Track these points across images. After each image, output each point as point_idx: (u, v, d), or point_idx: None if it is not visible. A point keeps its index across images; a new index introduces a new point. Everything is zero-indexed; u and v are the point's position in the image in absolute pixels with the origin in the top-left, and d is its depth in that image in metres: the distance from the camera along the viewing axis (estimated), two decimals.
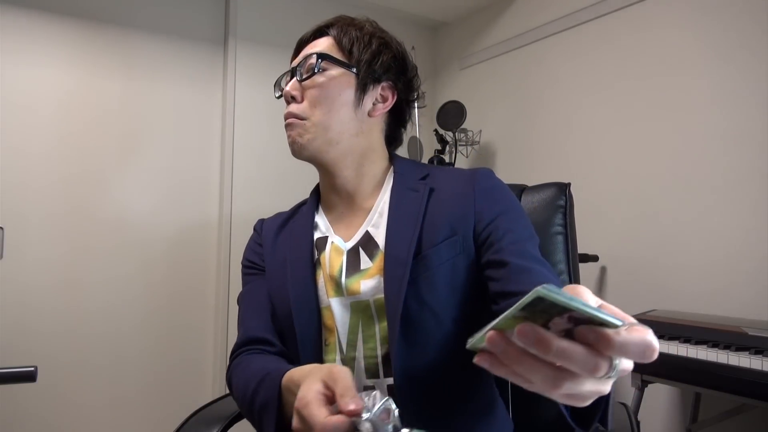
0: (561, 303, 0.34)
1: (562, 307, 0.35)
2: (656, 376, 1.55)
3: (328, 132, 0.87)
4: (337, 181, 0.92)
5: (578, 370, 0.36)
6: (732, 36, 1.83)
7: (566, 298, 0.34)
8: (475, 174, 0.88)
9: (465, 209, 0.84)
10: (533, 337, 0.36)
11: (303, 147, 0.88)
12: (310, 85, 0.88)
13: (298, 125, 0.88)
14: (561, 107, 2.43)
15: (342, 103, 0.88)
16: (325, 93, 0.87)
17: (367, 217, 0.90)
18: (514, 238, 0.80)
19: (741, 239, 1.77)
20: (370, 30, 0.92)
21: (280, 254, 0.93)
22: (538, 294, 0.34)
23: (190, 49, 2.54)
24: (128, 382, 2.32)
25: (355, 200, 0.92)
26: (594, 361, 0.36)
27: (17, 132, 2.17)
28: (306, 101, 0.88)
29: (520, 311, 0.36)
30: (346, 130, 0.89)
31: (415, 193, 0.88)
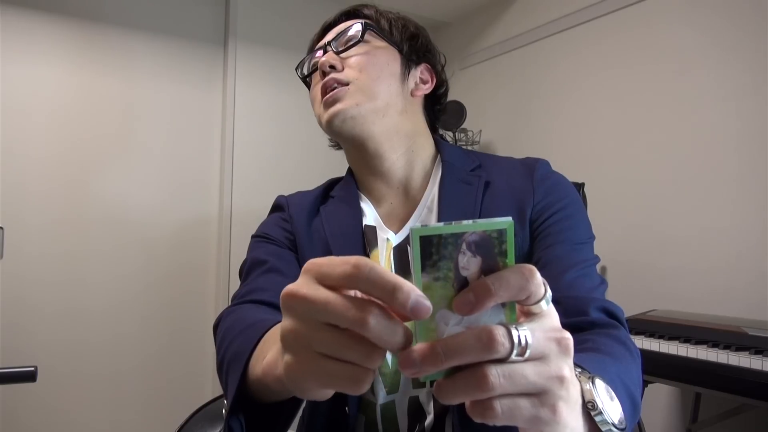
0: (440, 231, 0.33)
1: (448, 235, 0.34)
2: (656, 376, 1.54)
3: (376, 100, 0.78)
4: (386, 165, 0.82)
5: (472, 355, 0.33)
6: (732, 34, 1.83)
7: (444, 225, 0.33)
8: (533, 166, 0.81)
9: (523, 204, 0.76)
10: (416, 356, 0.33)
11: (350, 117, 0.76)
12: (352, 54, 0.79)
13: (344, 97, 0.77)
14: (561, 107, 2.43)
15: (390, 73, 0.80)
16: (373, 60, 0.79)
17: (415, 211, 0.81)
18: (569, 237, 0.74)
19: (741, 239, 1.77)
20: (402, 15, 0.87)
21: (319, 241, 0.81)
22: (418, 233, 0.33)
23: (190, 49, 2.54)
24: (128, 381, 2.32)
25: (409, 191, 0.84)
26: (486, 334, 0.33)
27: (17, 132, 2.17)
28: (349, 69, 0.78)
29: (424, 272, 0.34)
30: (393, 104, 0.80)
31: (469, 187, 0.79)
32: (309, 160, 2.61)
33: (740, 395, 1.32)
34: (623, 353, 0.60)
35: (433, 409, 0.73)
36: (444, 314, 0.35)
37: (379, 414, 0.74)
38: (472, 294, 0.34)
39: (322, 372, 0.35)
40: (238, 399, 0.50)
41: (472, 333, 0.33)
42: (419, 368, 0.33)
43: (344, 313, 0.33)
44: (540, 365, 0.35)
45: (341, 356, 0.34)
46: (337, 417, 0.76)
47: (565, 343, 0.36)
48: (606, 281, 0.75)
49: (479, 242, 0.34)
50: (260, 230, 0.88)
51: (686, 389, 1.84)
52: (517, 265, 0.35)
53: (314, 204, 0.87)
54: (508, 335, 0.33)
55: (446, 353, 0.33)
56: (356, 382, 0.34)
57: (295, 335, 0.36)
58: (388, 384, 0.74)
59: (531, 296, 0.35)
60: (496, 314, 0.35)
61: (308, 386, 0.37)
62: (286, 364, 0.37)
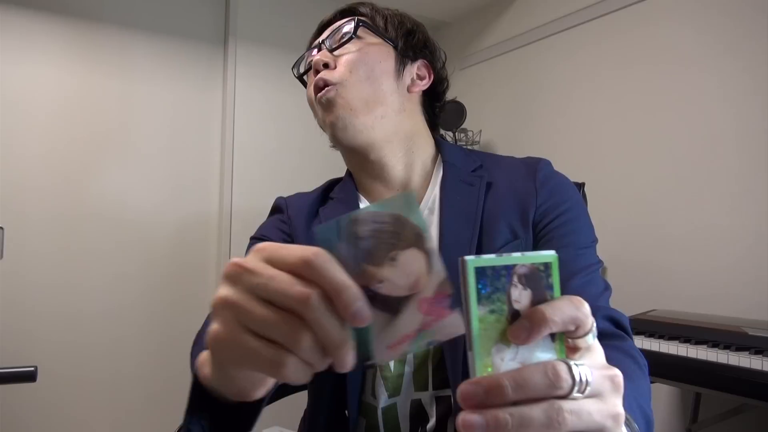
0: (492, 263, 0.33)
1: (500, 267, 0.34)
2: (656, 376, 1.54)
3: (370, 103, 0.76)
4: (386, 167, 0.81)
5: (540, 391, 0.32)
6: (732, 33, 1.83)
7: (495, 257, 0.33)
8: (535, 166, 0.80)
9: (526, 207, 0.75)
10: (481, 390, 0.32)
11: (350, 125, 0.75)
12: (345, 51, 0.78)
13: (336, 101, 0.76)
14: (561, 107, 2.43)
15: (382, 70, 0.78)
16: (364, 57, 0.77)
17: None
18: (572, 241, 0.73)
19: (741, 239, 1.77)
20: (399, 12, 0.87)
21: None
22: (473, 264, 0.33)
23: (190, 49, 2.54)
24: (128, 381, 2.32)
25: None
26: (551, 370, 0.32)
27: (17, 132, 2.17)
28: (341, 67, 0.77)
29: (480, 305, 0.34)
30: (390, 104, 0.78)
31: (470, 188, 0.78)
32: (309, 159, 2.61)
33: (740, 395, 1.32)
34: (633, 369, 0.60)
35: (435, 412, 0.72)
36: (499, 349, 0.34)
37: (380, 417, 0.74)
38: (527, 321, 0.34)
39: (245, 346, 0.34)
40: (196, 401, 0.48)
41: (538, 368, 0.33)
42: (483, 399, 0.32)
43: (288, 288, 0.33)
44: (599, 403, 0.34)
45: (269, 334, 0.33)
46: (337, 420, 0.76)
47: (618, 380, 0.36)
48: (610, 286, 0.74)
49: (529, 275, 0.35)
50: (258, 232, 0.88)
51: (686, 389, 1.84)
52: (567, 296, 0.35)
53: (313, 205, 0.87)
54: (570, 371, 0.33)
55: (513, 387, 0.32)
56: (276, 365, 0.33)
57: (227, 304, 0.35)
58: (390, 387, 0.74)
59: (581, 327, 0.35)
60: (547, 349, 0.35)
61: (228, 360, 0.36)
62: (212, 333, 0.36)
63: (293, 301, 0.32)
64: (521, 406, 0.32)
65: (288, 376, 0.33)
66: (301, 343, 0.33)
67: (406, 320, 0.36)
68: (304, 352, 0.33)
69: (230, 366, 0.37)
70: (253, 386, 0.38)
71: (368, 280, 0.35)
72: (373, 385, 0.75)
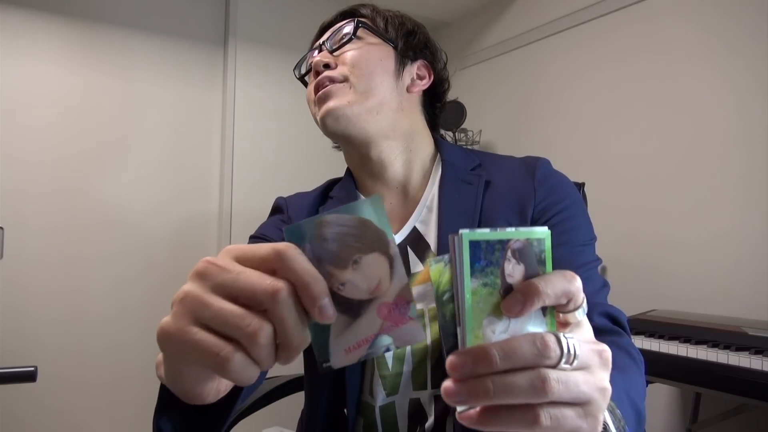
0: (487, 237, 0.34)
1: (495, 241, 0.34)
2: (656, 376, 1.54)
3: (369, 98, 0.77)
4: (384, 165, 0.82)
5: (528, 360, 0.33)
6: (732, 33, 1.83)
7: (490, 231, 0.34)
8: (533, 165, 0.80)
9: (524, 205, 0.76)
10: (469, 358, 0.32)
11: (342, 115, 0.76)
12: (345, 51, 0.79)
13: (334, 92, 0.77)
14: (561, 107, 2.43)
15: (383, 69, 0.79)
16: (366, 56, 0.79)
17: (415, 211, 0.81)
18: (571, 239, 0.74)
19: (741, 239, 1.76)
20: (400, 14, 0.88)
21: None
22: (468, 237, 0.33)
23: (190, 48, 2.54)
24: (128, 380, 2.32)
25: (408, 191, 0.83)
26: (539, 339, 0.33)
27: (17, 132, 2.17)
28: (342, 65, 0.78)
29: (473, 277, 0.34)
30: (388, 102, 0.79)
31: (469, 186, 0.79)
32: (309, 159, 2.61)
33: (740, 395, 1.32)
34: (627, 363, 0.61)
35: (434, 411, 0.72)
36: (491, 321, 0.35)
37: (378, 416, 0.74)
38: (520, 294, 0.34)
39: (191, 338, 0.33)
40: (165, 400, 0.48)
41: (526, 338, 0.33)
42: (472, 369, 0.32)
43: (258, 281, 0.32)
44: (586, 375, 0.35)
45: (223, 328, 0.33)
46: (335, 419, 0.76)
47: (606, 355, 0.37)
48: (608, 283, 0.75)
49: (522, 250, 0.35)
50: (258, 231, 0.89)
51: (686, 389, 1.84)
52: (559, 270, 0.36)
53: (313, 205, 0.87)
54: (558, 342, 0.34)
55: (502, 356, 0.32)
56: (221, 359, 0.32)
57: (187, 296, 0.34)
58: (388, 386, 0.74)
59: (572, 301, 0.36)
60: (538, 323, 0.36)
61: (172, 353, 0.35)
62: (162, 326, 0.35)
63: (263, 293, 0.32)
64: (506, 374, 0.32)
65: (232, 373, 0.32)
66: (258, 337, 0.32)
67: (365, 324, 0.36)
68: (258, 348, 0.32)
69: (175, 360, 0.36)
70: (199, 386, 0.37)
71: (331, 282, 0.35)
72: (371, 384, 0.75)
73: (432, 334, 0.73)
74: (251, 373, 0.33)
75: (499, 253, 0.35)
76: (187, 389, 0.38)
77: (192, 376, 0.37)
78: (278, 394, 1.10)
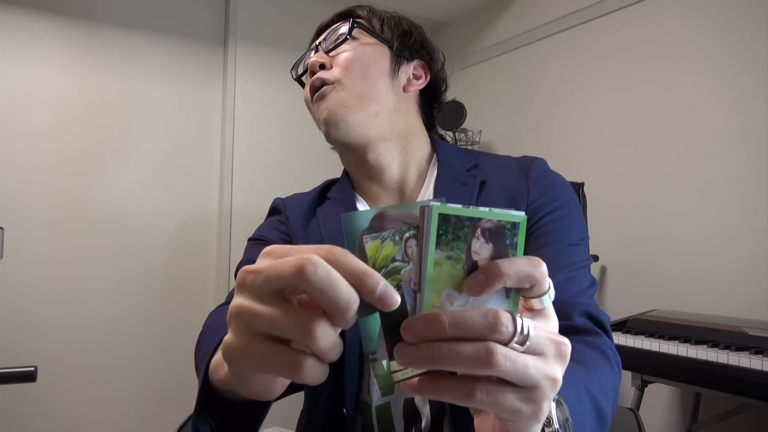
0: (458, 213, 0.34)
1: (465, 218, 0.35)
2: (656, 376, 1.54)
3: (365, 100, 0.77)
4: (381, 167, 0.82)
5: (476, 331, 0.33)
6: (732, 34, 1.83)
7: (462, 207, 0.34)
8: (529, 165, 0.80)
9: (517, 204, 0.76)
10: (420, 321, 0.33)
11: (342, 121, 0.76)
12: (340, 52, 0.79)
13: (330, 96, 0.77)
14: (561, 107, 2.43)
15: (378, 70, 0.79)
16: (360, 57, 0.79)
17: None
18: (560, 238, 0.74)
19: (741, 239, 1.77)
20: (397, 15, 0.88)
21: (316, 243, 0.78)
22: (438, 210, 0.34)
23: (190, 48, 2.54)
24: (128, 380, 2.32)
25: (404, 191, 0.84)
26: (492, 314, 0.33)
27: (17, 132, 2.17)
28: (336, 67, 0.78)
29: (438, 249, 0.34)
30: (384, 103, 0.79)
31: (464, 187, 0.79)
32: (309, 159, 2.61)
33: (740, 395, 1.32)
34: (600, 362, 0.60)
35: (429, 412, 0.72)
36: (450, 294, 0.35)
37: (374, 416, 0.74)
38: (482, 274, 0.35)
39: (260, 353, 0.33)
40: (204, 402, 0.49)
41: (478, 310, 0.33)
42: (422, 332, 0.33)
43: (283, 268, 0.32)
44: (538, 360, 0.35)
45: (281, 333, 0.33)
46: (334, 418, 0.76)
47: (564, 348, 0.36)
48: (596, 283, 0.75)
49: (493, 230, 0.36)
50: (256, 233, 0.89)
51: (686, 389, 1.84)
52: (527, 255, 0.36)
53: (311, 206, 0.88)
54: (512, 320, 0.33)
55: (451, 324, 0.33)
56: (294, 367, 0.32)
57: (240, 311, 0.34)
58: (383, 386, 0.74)
59: (536, 286, 0.36)
60: (500, 303, 0.36)
61: (244, 368, 0.35)
62: (226, 344, 0.36)
63: (291, 277, 0.32)
64: (453, 342, 0.33)
65: (306, 378, 0.33)
66: (314, 336, 0.32)
67: None
68: (320, 345, 0.32)
69: (249, 374, 0.36)
70: (272, 387, 0.38)
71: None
72: (369, 384, 0.75)
73: None
74: (323, 371, 0.34)
75: (468, 229, 0.35)
76: (259, 392, 0.38)
77: (263, 382, 0.37)
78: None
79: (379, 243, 0.36)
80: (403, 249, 0.36)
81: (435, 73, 0.88)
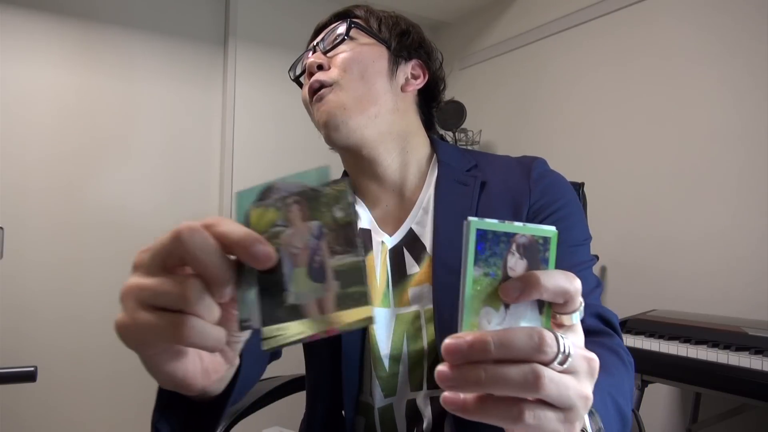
0: (495, 228, 0.34)
1: (501, 233, 0.35)
2: (656, 376, 1.54)
3: (364, 102, 0.77)
4: (381, 168, 0.81)
5: (523, 352, 0.32)
6: (731, 34, 1.83)
7: (498, 222, 0.35)
8: (529, 165, 0.80)
9: (519, 205, 0.75)
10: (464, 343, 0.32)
11: (342, 124, 0.76)
12: (338, 53, 0.79)
13: (328, 98, 0.76)
14: (561, 107, 2.43)
15: (376, 70, 0.79)
16: (357, 57, 0.78)
17: (411, 212, 0.80)
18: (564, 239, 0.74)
19: (741, 239, 1.77)
20: (395, 14, 0.87)
21: None
22: (475, 225, 0.34)
23: (190, 48, 2.54)
24: (128, 381, 2.32)
25: (404, 192, 0.83)
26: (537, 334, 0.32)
27: (17, 132, 2.17)
28: (334, 68, 0.78)
29: (476, 266, 0.34)
30: (383, 104, 0.79)
31: (464, 188, 0.79)
32: (309, 160, 2.60)
33: (740, 395, 1.32)
34: (615, 364, 0.60)
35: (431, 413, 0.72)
36: (488, 312, 0.35)
37: (377, 417, 0.74)
38: (520, 282, 0.34)
39: (142, 322, 0.34)
40: (165, 401, 0.49)
41: (522, 330, 0.33)
42: (466, 354, 0.32)
43: (164, 239, 0.33)
44: (574, 380, 0.34)
45: (161, 301, 0.33)
46: (335, 420, 0.76)
47: (593, 365, 0.36)
48: (602, 283, 0.75)
49: (528, 245, 0.35)
50: None
51: (686, 389, 1.84)
52: (562, 270, 0.36)
53: None
54: (556, 340, 0.33)
55: (497, 345, 0.32)
56: (175, 326, 0.33)
57: (128, 288, 0.35)
58: (385, 387, 0.74)
59: (569, 302, 0.36)
60: (533, 320, 0.36)
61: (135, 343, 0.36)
62: (117, 323, 0.36)
63: (169, 242, 0.33)
64: (499, 364, 0.32)
65: (190, 338, 0.33)
66: (188, 293, 0.33)
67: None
68: (195, 304, 0.33)
69: (140, 349, 0.36)
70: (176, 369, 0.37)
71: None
72: (370, 385, 0.75)
73: (428, 335, 0.73)
74: (209, 333, 0.34)
75: (504, 245, 0.35)
76: (169, 375, 0.38)
77: (163, 359, 0.37)
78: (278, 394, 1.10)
79: (263, 210, 0.36)
80: (285, 214, 0.36)
81: (433, 73, 0.87)
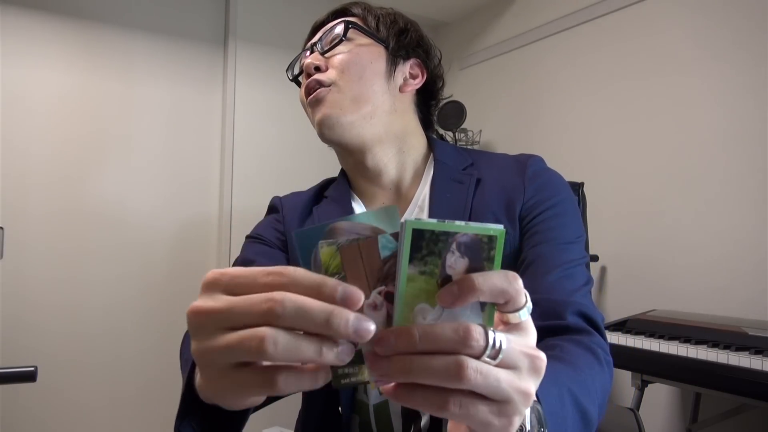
0: (432, 227, 0.34)
1: (440, 232, 0.34)
2: (656, 376, 1.54)
3: (361, 103, 0.77)
4: (378, 167, 0.82)
5: (447, 344, 0.33)
6: (730, 35, 1.83)
7: (437, 222, 0.34)
8: (525, 162, 0.80)
9: (513, 202, 0.76)
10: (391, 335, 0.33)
11: (338, 123, 0.76)
12: (336, 53, 0.79)
13: (326, 99, 0.77)
14: (561, 107, 2.43)
15: (374, 71, 0.79)
16: (355, 59, 0.78)
17: (407, 210, 0.81)
18: (556, 236, 0.73)
19: (741, 239, 1.77)
20: (393, 11, 0.87)
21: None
22: (411, 225, 0.34)
23: (190, 49, 2.54)
24: (128, 381, 2.32)
25: (401, 191, 0.84)
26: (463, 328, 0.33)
27: (17, 132, 2.17)
28: (332, 69, 0.78)
29: (411, 264, 0.34)
30: (380, 104, 0.79)
31: (460, 185, 0.79)
32: (309, 159, 2.61)
33: (740, 395, 1.32)
34: (589, 362, 0.60)
35: None
36: (423, 308, 0.35)
37: (372, 415, 0.74)
38: (456, 287, 0.34)
39: (233, 384, 0.34)
40: (188, 404, 0.49)
41: (449, 324, 0.34)
42: (393, 345, 0.33)
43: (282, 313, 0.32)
44: (510, 374, 0.35)
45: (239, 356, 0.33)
46: (331, 417, 0.76)
47: (538, 363, 0.36)
48: (592, 280, 0.75)
49: (469, 244, 0.35)
50: (254, 231, 0.89)
51: (686, 389, 1.84)
52: (503, 270, 0.36)
53: (308, 204, 0.88)
54: (484, 334, 0.34)
55: (422, 337, 0.33)
56: (269, 382, 0.33)
57: (201, 353, 0.35)
58: None
59: (510, 302, 0.36)
60: (475, 317, 0.36)
61: (228, 402, 0.37)
62: (200, 386, 0.37)
63: (259, 316, 0.32)
64: (425, 355, 0.33)
65: (283, 389, 0.34)
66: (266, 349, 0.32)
67: None
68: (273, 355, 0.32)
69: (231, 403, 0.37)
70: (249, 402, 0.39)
71: None
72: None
73: None
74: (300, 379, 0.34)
75: (443, 244, 0.35)
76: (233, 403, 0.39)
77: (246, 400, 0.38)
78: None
79: (334, 250, 0.36)
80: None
81: (432, 72, 0.87)
